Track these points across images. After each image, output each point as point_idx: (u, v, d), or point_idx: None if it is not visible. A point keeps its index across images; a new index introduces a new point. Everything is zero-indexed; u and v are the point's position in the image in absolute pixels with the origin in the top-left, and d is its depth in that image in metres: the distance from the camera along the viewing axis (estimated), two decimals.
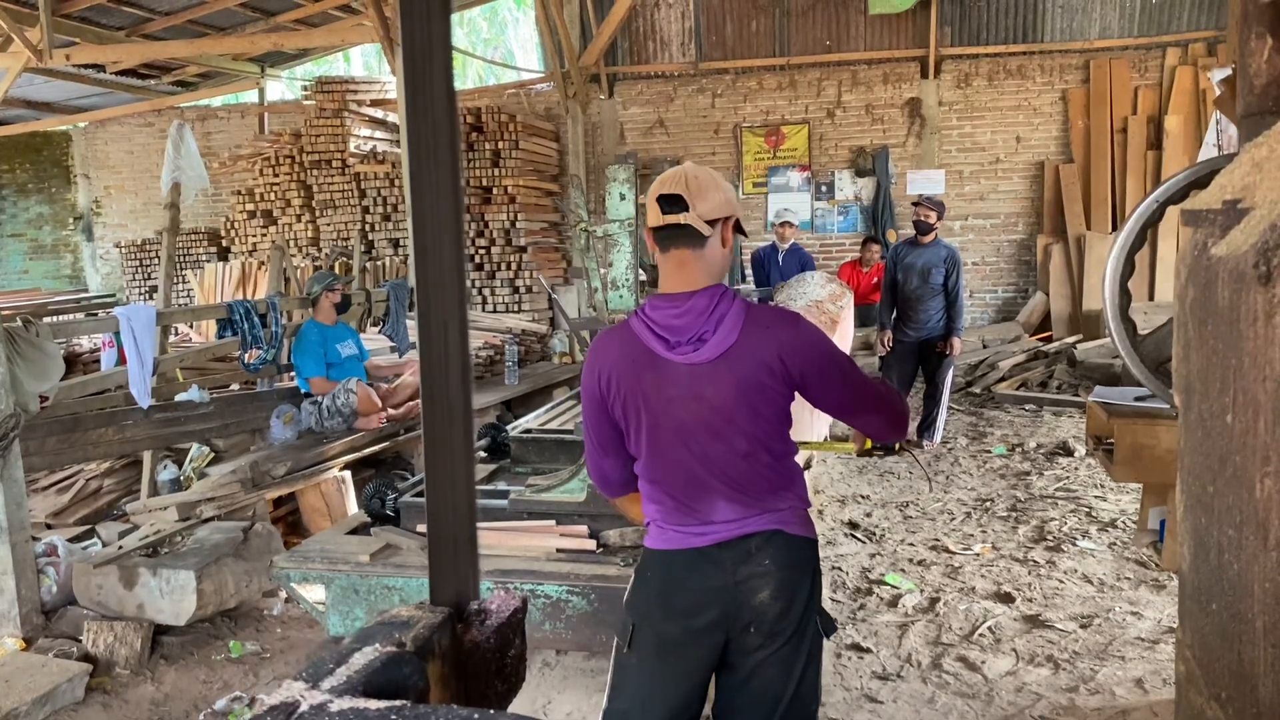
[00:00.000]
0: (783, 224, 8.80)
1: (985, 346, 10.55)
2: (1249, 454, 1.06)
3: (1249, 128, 1.20)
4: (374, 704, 0.83)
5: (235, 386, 6.98)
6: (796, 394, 2.24)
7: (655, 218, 2.16)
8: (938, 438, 7.52)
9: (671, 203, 2.13)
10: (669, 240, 2.17)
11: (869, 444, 2.60)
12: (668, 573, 2.27)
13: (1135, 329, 1.67)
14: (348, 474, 5.88)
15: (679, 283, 2.18)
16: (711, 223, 2.16)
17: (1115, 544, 5.26)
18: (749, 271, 8.85)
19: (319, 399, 6.01)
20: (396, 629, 1.02)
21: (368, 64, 19.93)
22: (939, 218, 7.27)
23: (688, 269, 2.17)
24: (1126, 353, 1.62)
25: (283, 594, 4.75)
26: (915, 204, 7.40)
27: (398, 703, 0.84)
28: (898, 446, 2.59)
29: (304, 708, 0.82)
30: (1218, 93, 7.28)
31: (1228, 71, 4.79)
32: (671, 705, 2.30)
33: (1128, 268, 1.65)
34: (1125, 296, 1.64)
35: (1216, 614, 1.15)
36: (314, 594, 3.95)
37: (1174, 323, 1.28)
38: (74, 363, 6.77)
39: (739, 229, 2.29)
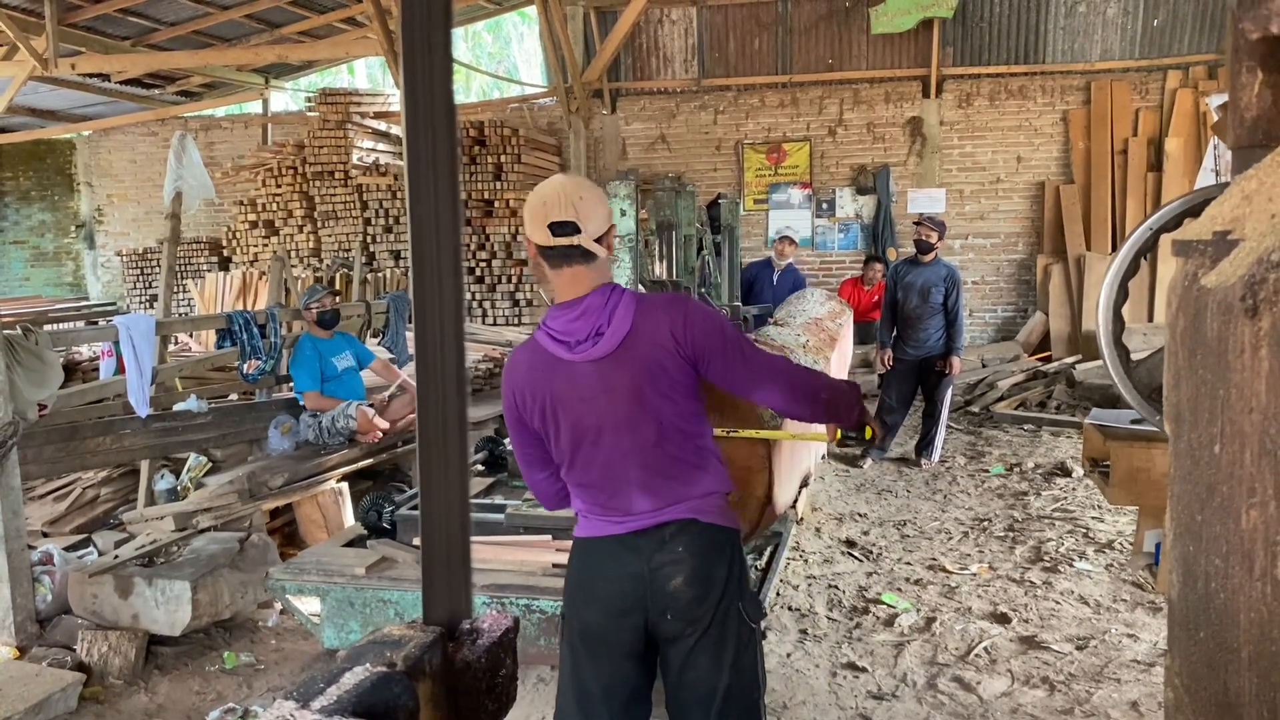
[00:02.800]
0: (783, 239, 8.63)
1: (984, 366, 10.56)
2: (1235, 484, 1.07)
3: (1239, 160, 1.22)
4: None
5: (234, 397, 6.99)
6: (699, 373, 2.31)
7: (545, 238, 2.22)
8: (936, 456, 7.52)
9: (563, 227, 2.20)
10: (562, 259, 2.25)
11: (839, 434, 2.62)
12: (589, 560, 2.36)
13: (1129, 355, 1.69)
14: (345, 486, 5.88)
15: (574, 292, 2.27)
16: (599, 239, 2.24)
17: (1112, 565, 5.26)
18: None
19: (318, 414, 6.01)
20: (388, 648, 1.02)
21: (371, 76, 20.00)
22: (940, 237, 7.29)
23: (581, 280, 2.26)
24: (1120, 379, 1.63)
25: (278, 605, 4.75)
26: (917, 223, 7.42)
27: None
28: (869, 434, 2.56)
29: None
30: (1216, 118, 7.31)
31: (1226, 97, 4.83)
32: (600, 691, 2.37)
33: (1121, 294, 1.66)
34: (1119, 323, 1.65)
35: (1204, 642, 1.16)
36: (309, 606, 3.95)
37: (1165, 351, 1.29)
38: (73, 371, 6.78)
39: None
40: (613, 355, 2.22)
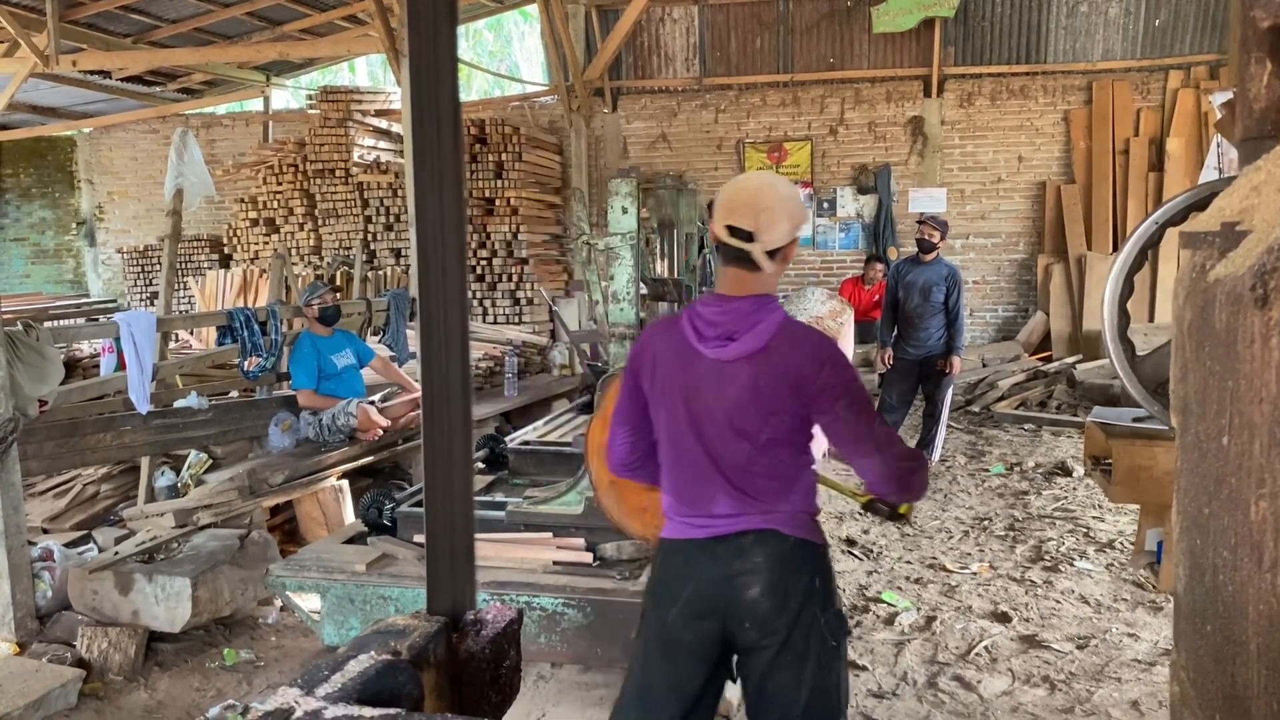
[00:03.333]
0: None
1: (985, 365, 10.55)
2: (1244, 476, 1.06)
3: (1248, 152, 1.21)
4: (369, 711, 0.83)
5: (234, 394, 6.98)
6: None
7: (722, 235, 2.25)
8: (937, 455, 7.52)
9: (738, 233, 2.21)
10: (731, 259, 2.27)
11: (867, 497, 2.55)
12: (671, 561, 2.37)
13: (1134, 350, 1.68)
14: (345, 483, 5.88)
15: (732, 289, 2.29)
16: (773, 251, 2.24)
17: (1113, 565, 5.26)
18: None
19: (318, 412, 6.00)
20: (392, 637, 1.02)
21: (373, 74, 19.98)
22: (943, 237, 7.29)
23: (742, 283, 2.28)
24: (1125, 373, 1.62)
25: (278, 602, 4.74)
26: (920, 222, 7.41)
27: (392, 711, 0.84)
28: (901, 510, 2.52)
29: (299, 714, 0.82)
30: (1219, 116, 7.31)
31: (1229, 95, 4.80)
32: (669, 691, 2.36)
33: (1127, 289, 1.65)
34: (1124, 318, 1.64)
35: (1211, 635, 1.15)
36: (309, 603, 3.95)
37: (1172, 344, 1.28)
38: (74, 367, 6.77)
39: None
40: (735, 363, 2.24)
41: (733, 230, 2.22)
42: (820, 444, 2.51)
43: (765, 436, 2.26)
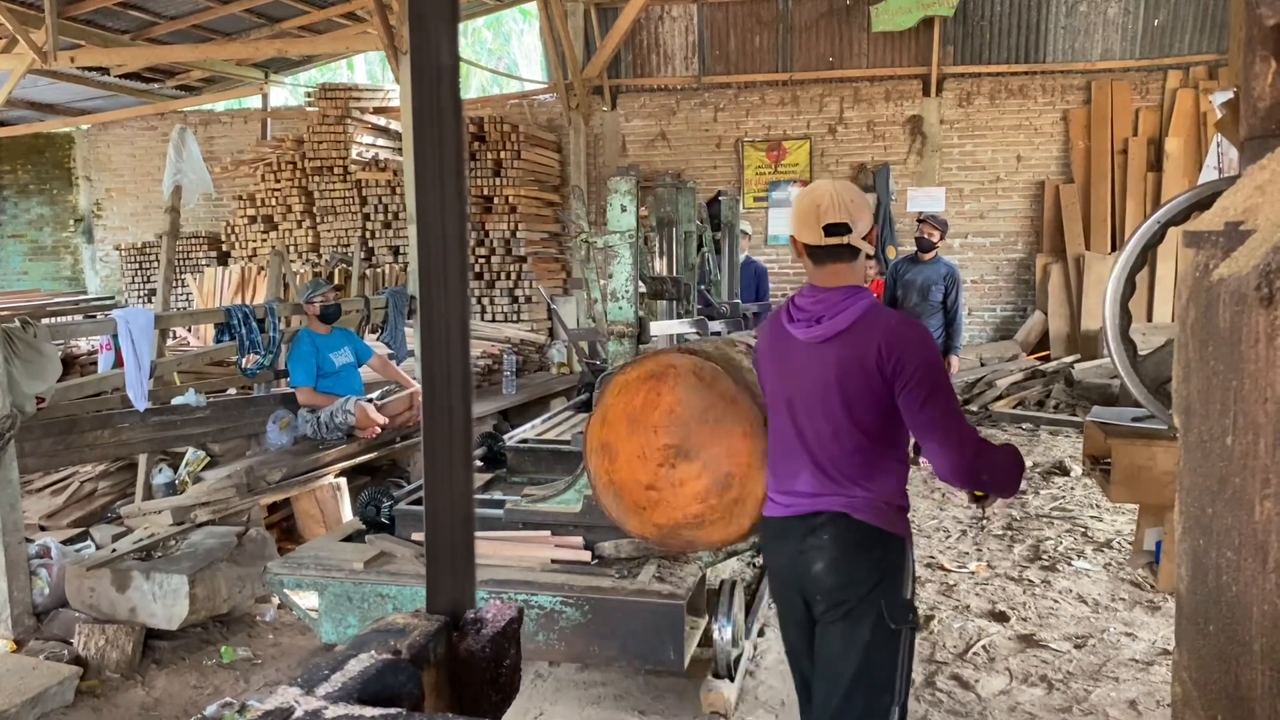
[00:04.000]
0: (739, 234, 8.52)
1: (983, 365, 10.55)
2: (1249, 476, 1.06)
3: (1252, 150, 1.21)
4: (369, 711, 0.82)
5: (232, 391, 6.97)
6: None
7: (818, 239, 2.41)
8: None
9: (837, 228, 2.39)
10: (829, 257, 2.43)
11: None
12: (766, 537, 2.66)
13: (1135, 349, 1.67)
14: (343, 481, 5.87)
15: (829, 282, 2.45)
16: (864, 237, 2.42)
17: (1110, 564, 5.26)
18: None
19: (317, 410, 5.99)
20: (392, 636, 1.01)
21: (371, 71, 19.95)
22: (942, 236, 7.28)
23: (839, 276, 2.45)
24: (1126, 373, 1.62)
25: (275, 600, 4.74)
26: (920, 220, 7.40)
27: (393, 710, 0.83)
28: (978, 494, 2.58)
29: (299, 714, 0.81)
30: (1219, 116, 7.31)
31: (1229, 95, 4.80)
32: (791, 653, 2.72)
33: (1128, 288, 1.65)
34: (1126, 317, 1.64)
35: (1214, 636, 1.15)
36: (307, 601, 3.94)
37: (1174, 343, 1.28)
38: (71, 364, 6.77)
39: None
40: (823, 344, 2.40)
41: (831, 228, 2.38)
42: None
43: (850, 419, 2.38)
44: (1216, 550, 1.13)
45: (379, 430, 6.07)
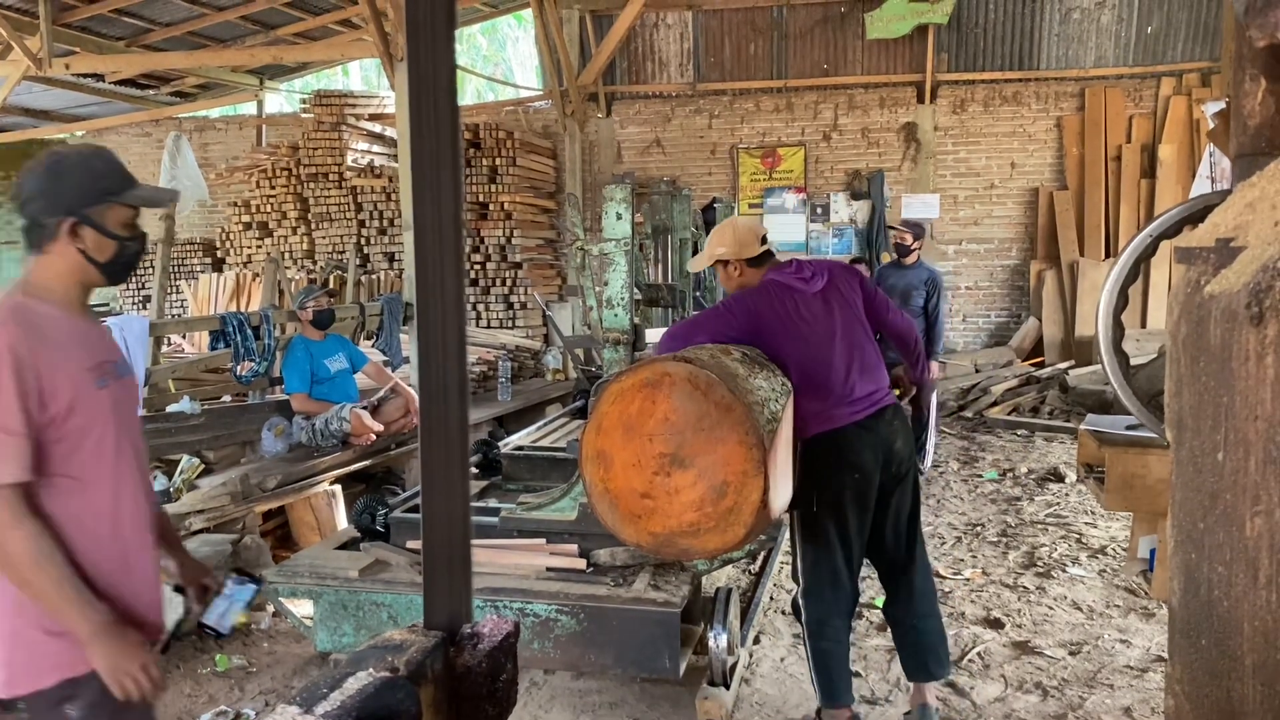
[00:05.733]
0: None
1: (978, 371, 10.57)
2: (1239, 492, 1.07)
3: (1242, 167, 1.22)
4: None
5: (227, 398, 6.96)
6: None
7: (757, 250, 3.56)
8: (928, 462, 7.52)
9: (764, 240, 3.59)
10: (766, 259, 3.58)
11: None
12: (844, 440, 3.33)
13: (1128, 361, 1.69)
14: (338, 488, 5.86)
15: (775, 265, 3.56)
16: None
17: (1105, 571, 5.27)
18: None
19: (312, 417, 5.99)
20: (390, 652, 1.02)
21: (366, 78, 19.98)
22: (915, 239, 7.30)
23: (769, 265, 3.58)
24: (1119, 385, 1.63)
25: (270, 608, 4.73)
26: (891, 227, 7.45)
27: None
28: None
29: None
30: (1211, 125, 7.33)
31: (1221, 105, 4.83)
32: (856, 535, 3.39)
33: (1121, 301, 1.66)
34: (1118, 329, 1.65)
35: (1206, 650, 1.16)
36: (302, 609, 3.94)
37: (1166, 358, 1.29)
38: None
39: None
40: (824, 290, 3.43)
41: (764, 240, 3.60)
42: None
43: (859, 327, 3.47)
44: (1208, 565, 1.14)
45: (374, 437, 6.07)
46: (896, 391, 3.74)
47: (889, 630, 4.52)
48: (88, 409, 2.02)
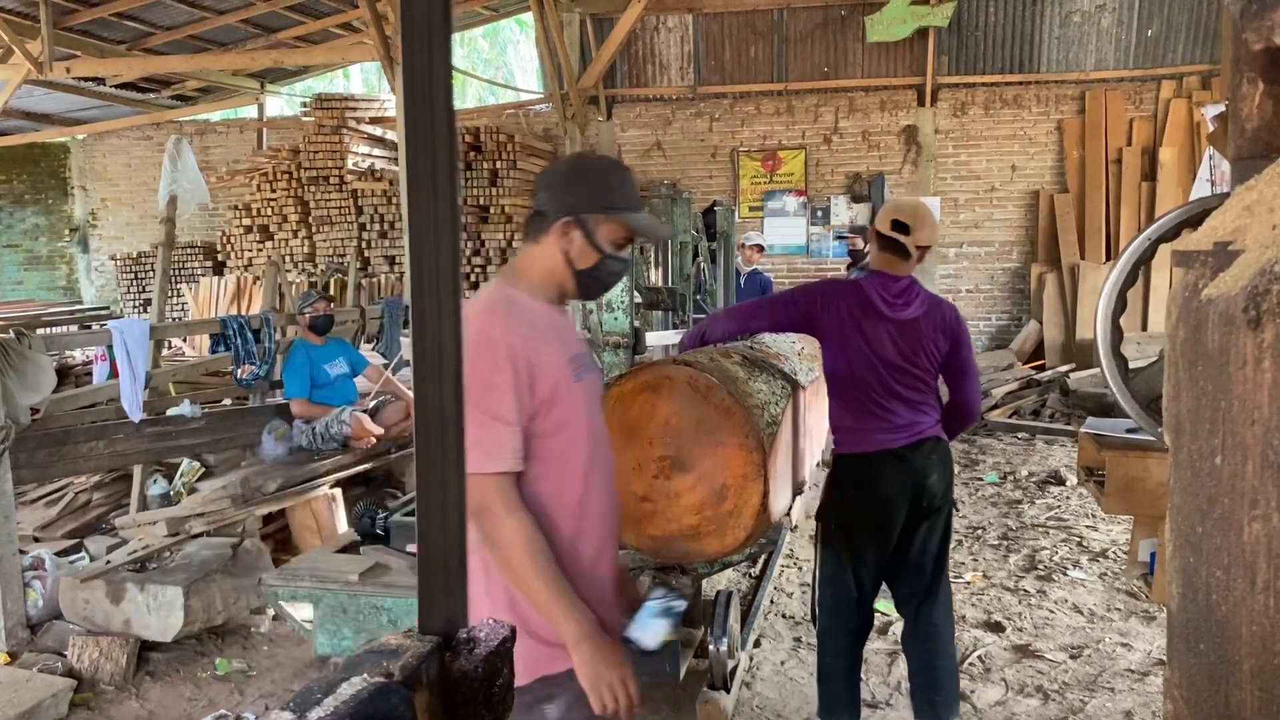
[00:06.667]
0: (753, 246, 8.48)
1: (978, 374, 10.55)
2: (1237, 497, 1.07)
3: (1240, 171, 1.22)
4: None
5: (227, 402, 6.96)
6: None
7: (886, 229, 3.25)
8: None
9: (900, 226, 3.23)
10: (889, 248, 3.27)
11: None
12: (874, 465, 3.28)
13: (1127, 365, 1.68)
14: (338, 492, 5.86)
15: (891, 271, 3.29)
16: (919, 248, 3.23)
17: (1106, 574, 5.26)
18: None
19: (312, 421, 5.98)
20: (384, 658, 1.01)
21: (367, 81, 20.00)
22: (866, 244, 7.34)
23: (895, 266, 3.28)
24: (1118, 389, 1.63)
25: (270, 611, 4.72)
26: (851, 232, 7.48)
27: None
28: None
29: None
30: (1211, 129, 7.32)
31: (1221, 108, 4.83)
32: (875, 559, 3.36)
33: (1119, 304, 1.66)
34: (1117, 333, 1.65)
35: (1204, 655, 1.16)
36: (302, 612, 3.94)
37: (1164, 361, 1.29)
38: (66, 375, 6.75)
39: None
40: (908, 322, 3.24)
41: (896, 224, 3.22)
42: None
43: (932, 369, 3.31)
44: (1206, 569, 1.14)
45: (374, 441, 6.07)
46: None
47: (889, 632, 4.53)
48: (566, 401, 2.00)
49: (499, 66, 21.60)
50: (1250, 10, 1.12)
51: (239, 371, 6.20)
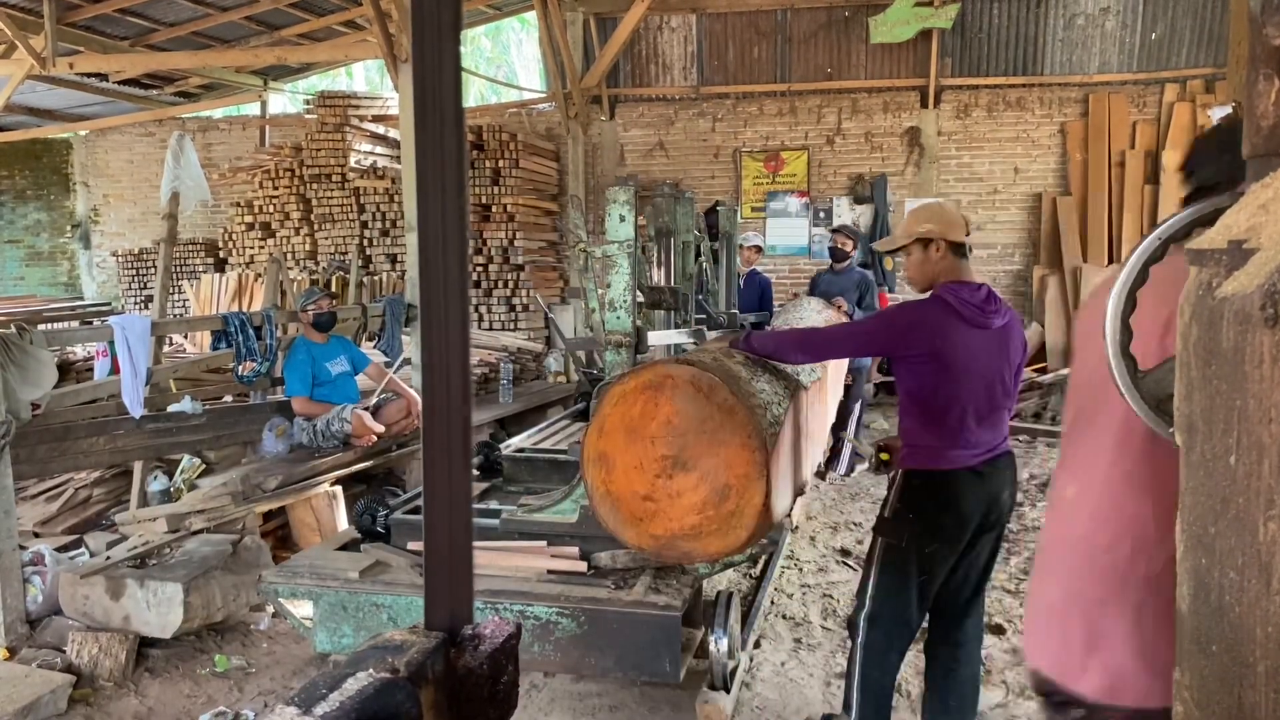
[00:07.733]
0: (752, 248, 8.43)
1: None
2: (1252, 496, 1.05)
3: (1256, 168, 1.20)
4: None
5: (228, 398, 6.95)
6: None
7: (962, 236, 3.28)
8: (843, 468, 7.45)
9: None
10: (966, 253, 3.33)
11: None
12: (962, 482, 3.22)
13: (1136, 365, 1.67)
14: (339, 489, 5.85)
15: (967, 277, 3.31)
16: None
17: None
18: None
19: (313, 418, 5.98)
20: (390, 653, 1.00)
21: (370, 79, 20.00)
22: (855, 247, 7.32)
23: (967, 270, 3.33)
24: (1127, 389, 1.62)
25: (270, 609, 4.72)
26: (834, 231, 7.46)
27: None
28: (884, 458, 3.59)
29: None
30: None
31: (1227, 110, 4.81)
32: (940, 568, 3.30)
33: (1129, 304, 1.64)
34: (1126, 333, 1.64)
35: (1216, 656, 1.14)
36: (302, 609, 3.93)
37: (1176, 361, 1.27)
38: (67, 371, 6.74)
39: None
40: (1002, 329, 3.23)
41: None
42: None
43: (1009, 378, 3.29)
44: (1219, 570, 1.13)
45: (375, 438, 6.06)
46: (884, 457, 3.56)
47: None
48: None
49: (501, 65, 21.60)
50: (1272, 4, 1.11)
51: (240, 368, 6.19)
